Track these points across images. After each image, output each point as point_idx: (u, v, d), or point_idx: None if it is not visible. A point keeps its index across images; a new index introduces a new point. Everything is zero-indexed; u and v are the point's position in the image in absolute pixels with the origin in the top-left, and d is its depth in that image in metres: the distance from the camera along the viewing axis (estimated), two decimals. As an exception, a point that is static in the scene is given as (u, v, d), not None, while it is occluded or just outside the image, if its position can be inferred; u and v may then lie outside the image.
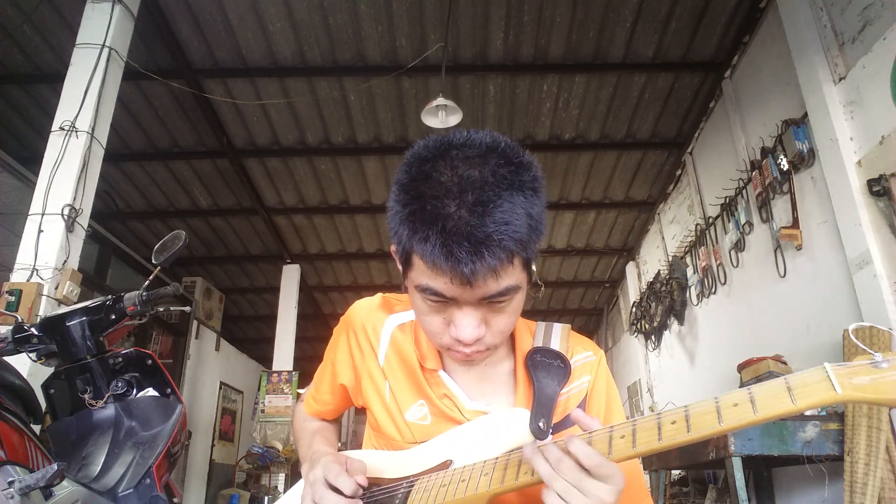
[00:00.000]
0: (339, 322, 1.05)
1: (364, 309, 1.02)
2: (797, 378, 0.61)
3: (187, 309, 4.62)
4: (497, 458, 0.78)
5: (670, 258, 5.88)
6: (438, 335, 0.81)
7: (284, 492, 1.03)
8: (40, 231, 3.01)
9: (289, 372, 7.08)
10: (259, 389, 7.09)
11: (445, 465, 0.83)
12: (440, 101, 4.10)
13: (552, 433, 0.82)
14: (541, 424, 0.80)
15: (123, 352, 1.62)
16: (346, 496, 0.79)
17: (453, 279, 0.71)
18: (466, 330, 0.76)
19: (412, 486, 0.83)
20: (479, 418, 0.86)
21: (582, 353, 0.94)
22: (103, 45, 3.40)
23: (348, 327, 1.02)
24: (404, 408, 0.91)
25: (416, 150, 0.77)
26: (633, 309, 6.86)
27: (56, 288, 2.94)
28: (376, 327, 0.98)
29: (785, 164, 3.68)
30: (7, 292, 2.80)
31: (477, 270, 0.69)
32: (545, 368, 0.88)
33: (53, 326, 1.56)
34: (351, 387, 1.00)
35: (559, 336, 0.94)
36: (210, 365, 7.55)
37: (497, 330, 0.80)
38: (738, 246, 4.44)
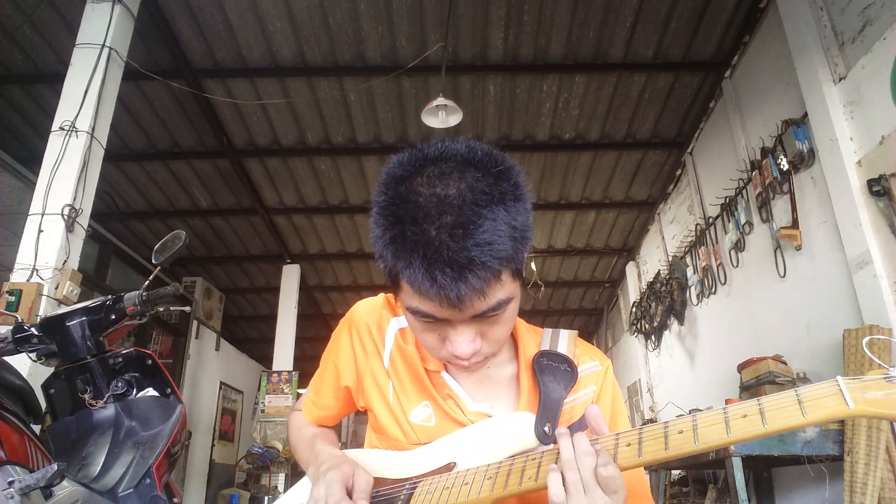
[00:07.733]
0: (340, 323, 1.03)
1: (368, 309, 1.00)
2: (808, 391, 0.61)
3: (187, 309, 4.62)
4: (501, 462, 0.77)
5: (670, 258, 5.88)
6: (436, 350, 0.81)
7: (284, 492, 1.02)
8: (40, 231, 3.01)
9: (289, 372, 7.08)
10: (259, 389, 7.09)
11: (449, 467, 0.83)
12: (440, 101, 4.10)
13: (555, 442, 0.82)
14: (546, 429, 0.80)
15: (123, 352, 1.62)
16: None
17: (441, 303, 0.70)
18: (461, 346, 0.76)
19: (415, 487, 0.82)
20: (484, 421, 0.86)
21: (588, 362, 0.93)
22: (103, 45, 3.40)
23: (351, 327, 1.00)
24: (408, 409, 0.90)
25: (390, 168, 0.75)
26: (633, 309, 6.86)
27: (56, 288, 2.94)
28: (381, 328, 0.96)
29: (785, 164, 3.68)
30: (7, 292, 2.80)
31: (463, 294, 0.68)
32: (552, 372, 0.87)
33: (53, 326, 1.56)
34: (354, 388, 0.98)
35: (566, 342, 0.93)
36: (210, 365, 7.55)
37: (493, 339, 0.79)
38: (738, 246, 4.44)
